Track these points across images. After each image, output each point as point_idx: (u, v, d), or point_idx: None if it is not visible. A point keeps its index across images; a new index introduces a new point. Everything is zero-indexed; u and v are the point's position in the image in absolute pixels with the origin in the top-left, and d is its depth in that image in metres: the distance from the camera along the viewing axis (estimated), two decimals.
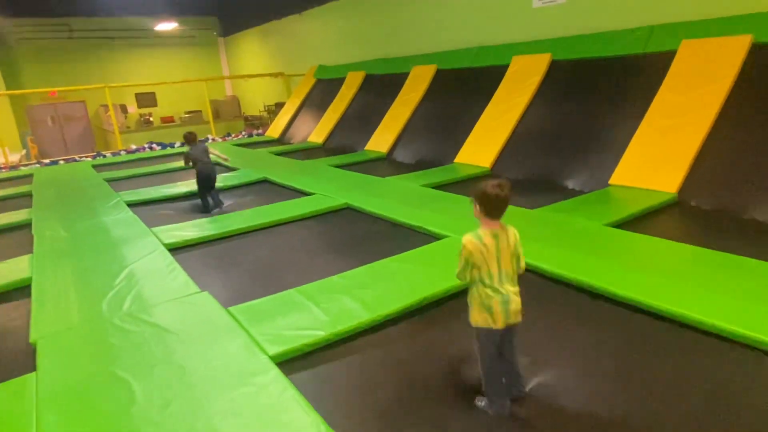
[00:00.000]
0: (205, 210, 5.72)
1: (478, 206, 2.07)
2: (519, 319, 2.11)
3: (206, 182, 5.64)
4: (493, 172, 6.54)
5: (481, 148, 6.87)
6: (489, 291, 2.04)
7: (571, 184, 5.61)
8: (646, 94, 5.44)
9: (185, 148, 5.66)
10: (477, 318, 2.09)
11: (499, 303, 2.04)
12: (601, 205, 4.60)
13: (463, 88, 7.99)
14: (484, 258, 2.03)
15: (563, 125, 6.20)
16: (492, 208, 2.05)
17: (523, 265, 2.14)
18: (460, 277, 2.09)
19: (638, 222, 4.19)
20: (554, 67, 6.72)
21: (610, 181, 5.23)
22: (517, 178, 6.20)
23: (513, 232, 2.12)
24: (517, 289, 2.10)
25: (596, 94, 6.05)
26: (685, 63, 5.26)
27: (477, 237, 2.06)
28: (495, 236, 2.06)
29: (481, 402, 2.18)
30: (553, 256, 3.47)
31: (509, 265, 2.09)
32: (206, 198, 5.76)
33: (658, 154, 5.00)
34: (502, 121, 6.83)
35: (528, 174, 6.15)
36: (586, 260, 3.37)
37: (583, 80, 6.31)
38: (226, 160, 6.06)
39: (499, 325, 2.06)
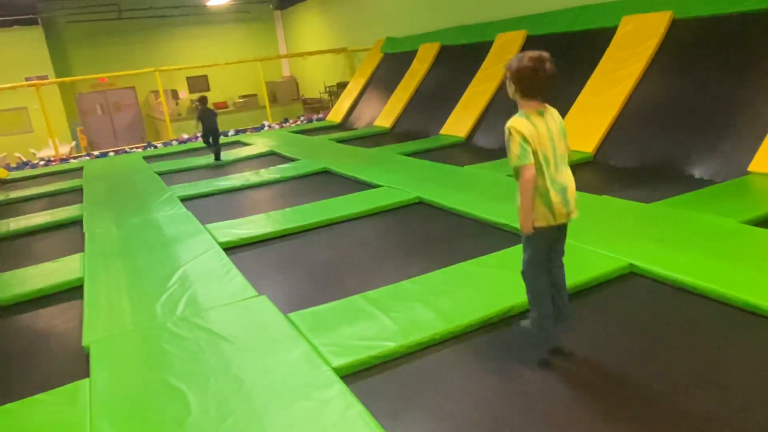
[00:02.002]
0: (210, 147, 9.11)
1: (513, 86, 2.05)
2: (576, 213, 2.19)
3: (209, 134, 8.93)
4: (596, 159, 6.32)
5: (581, 129, 6.65)
6: (546, 181, 2.07)
7: (698, 172, 5.31)
8: None
9: (198, 108, 8.90)
10: (535, 215, 2.14)
11: (558, 193, 2.08)
12: (738, 198, 4.34)
13: (560, 57, 7.68)
14: (537, 141, 2.04)
15: (688, 100, 5.86)
16: (531, 88, 2.03)
17: (568, 144, 2.22)
18: (522, 161, 2.05)
19: None
20: (676, 27, 6.36)
21: (749, 168, 4.91)
22: (627, 165, 5.96)
23: (554, 110, 2.18)
24: (570, 173, 2.17)
25: (732, 60, 5.67)
26: None
27: (524, 117, 2.04)
28: (541, 114, 2.07)
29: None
30: (677, 260, 3.32)
31: (562, 147, 2.13)
32: (209, 143, 9.05)
33: None
34: (609, 97, 6.58)
35: (642, 160, 5.89)
36: (719, 265, 3.19)
37: (714, 43, 5.92)
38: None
39: (559, 219, 2.13)
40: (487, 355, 2.73)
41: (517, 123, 2.04)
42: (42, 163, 11.82)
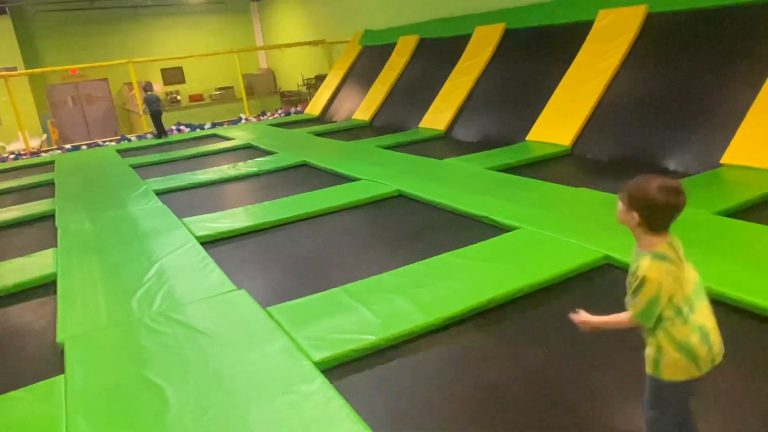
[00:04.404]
0: (158, 133, 11.45)
1: (637, 217, 1.76)
2: (720, 357, 1.78)
3: (155, 117, 11.24)
4: (574, 152, 6.39)
5: (559, 122, 6.72)
6: (684, 327, 1.72)
7: (672, 164, 5.41)
8: None
9: (143, 94, 11.20)
10: (672, 369, 1.73)
11: (699, 338, 1.72)
12: (711, 190, 4.43)
13: (537, 51, 7.82)
14: (675, 286, 1.73)
15: (662, 94, 5.96)
16: (662, 222, 1.78)
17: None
18: (643, 320, 1.75)
19: (758, 210, 4.01)
20: (651, 21, 6.46)
21: (721, 161, 5.01)
22: (604, 158, 6.04)
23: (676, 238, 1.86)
24: (708, 305, 1.81)
25: (705, 54, 5.77)
26: None
27: (660, 258, 1.74)
28: (671, 245, 1.81)
29: None
30: None
31: (694, 275, 1.83)
32: (159, 125, 11.32)
33: None
34: (585, 90, 6.65)
35: (617, 153, 5.97)
36: (692, 256, 3.21)
37: (688, 37, 6.03)
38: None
39: (703, 370, 1.75)
40: (466, 348, 2.76)
41: (655, 272, 1.71)
42: (12, 156, 11.55)
